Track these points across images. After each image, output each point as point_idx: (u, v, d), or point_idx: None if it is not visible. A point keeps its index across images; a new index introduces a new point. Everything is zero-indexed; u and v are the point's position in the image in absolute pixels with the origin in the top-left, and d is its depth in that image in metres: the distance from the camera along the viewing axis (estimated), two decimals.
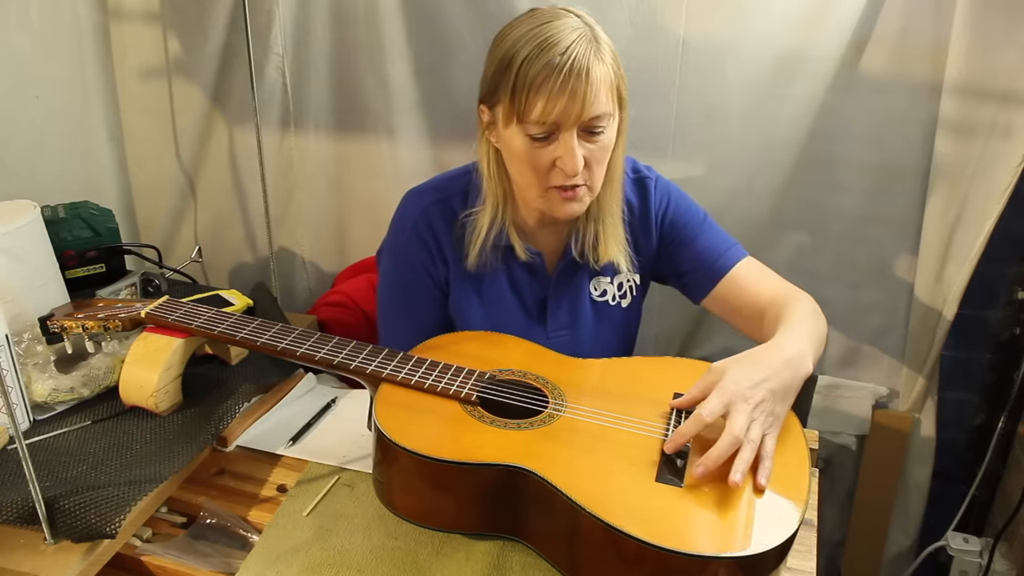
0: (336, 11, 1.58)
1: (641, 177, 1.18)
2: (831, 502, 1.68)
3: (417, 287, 1.16)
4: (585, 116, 0.97)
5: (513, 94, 0.98)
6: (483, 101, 1.06)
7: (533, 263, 1.14)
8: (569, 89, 0.95)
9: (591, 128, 1.00)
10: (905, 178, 1.46)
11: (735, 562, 0.77)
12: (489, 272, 1.14)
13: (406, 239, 1.15)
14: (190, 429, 1.08)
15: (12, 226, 1.20)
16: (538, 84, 0.96)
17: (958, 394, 1.63)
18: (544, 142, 1.00)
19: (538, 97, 0.96)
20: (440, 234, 1.14)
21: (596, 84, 0.97)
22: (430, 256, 1.14)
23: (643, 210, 1.17)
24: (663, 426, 0.93)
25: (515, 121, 0.99)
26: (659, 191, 1.18)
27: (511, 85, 0.98)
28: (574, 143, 0.99)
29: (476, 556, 0.89)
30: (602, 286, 1.18)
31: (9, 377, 1.04)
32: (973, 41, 1.30)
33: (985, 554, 1.57)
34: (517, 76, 0.97)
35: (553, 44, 0.96)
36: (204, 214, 1.85)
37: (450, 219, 1.13)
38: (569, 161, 0.99)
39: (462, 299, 1.16)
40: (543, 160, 1.01)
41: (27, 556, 0.88)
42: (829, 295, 1.58)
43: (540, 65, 0.95)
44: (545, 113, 0.97)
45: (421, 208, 1.14)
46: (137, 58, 1.73)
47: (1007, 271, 1.55)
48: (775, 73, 1.42)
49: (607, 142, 1.02)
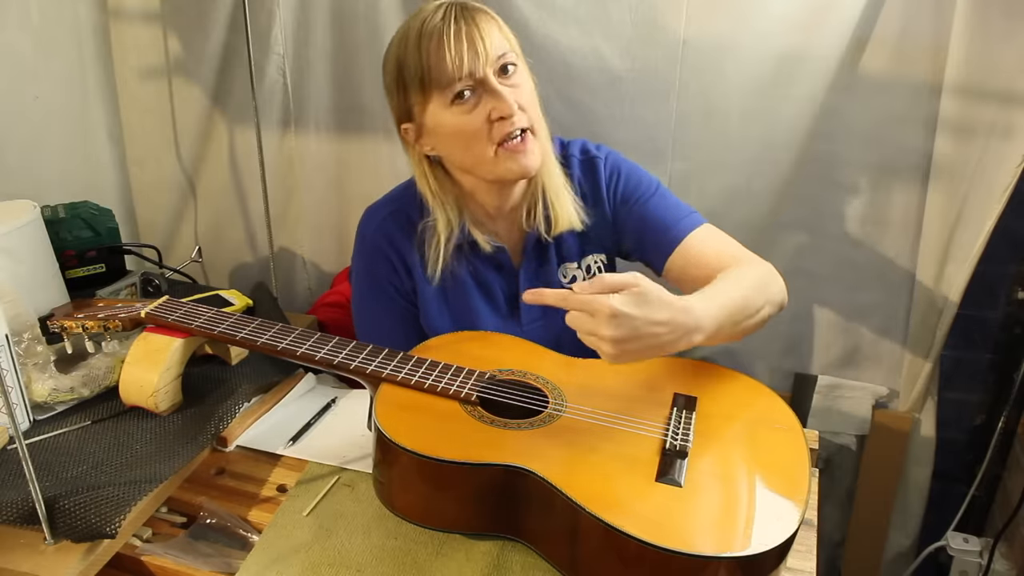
0: (337, 11, 1.58)
1: (590, 157, 1.17)
2: (831, 502, 1.68)
3: (388, 302, 1.15)
4: (492, 55, 0.99)
5: (422, 74, 0.99)
6: (399, 120, 1.07)
7: (498, 258, 1.14)
8: (465, 37, 0.98)
9: (504, 67, 1.01)
10: (905, 178, 1.46)
11: (735, 562, 0.77)
12: (453, 274, 1.13)
13: (369, 256, 1.15)
14: (190, 429, 1.08)
15: (12, 226, 1.20)
16: (435, 48, 0.98)
17: (958, 394, 1.63)
18: (471, 104, 1.00)
19: (442, 59, 0.98)
20: (400, 245, 1.13)
21: (487, 29, 1.00)
22: (393, 269, 1.14)
23: (594, 188, 1.16)
24: (663, 426, 0.93)
25: (435, 97, 1.01)
26: (608, 166, 1.16)
27: (415, 70, 1.00)
28: (497, 85, 1.00)
29: (476, 556, 0.89)
30: (571, 272, 1.17)
31: (9, 377, 1.04)
32: (973, 41, 1.30)
33: (985, 554, 1.57)
34: (416, 60, 0.99)
35: (428, 17, 1.00)
36: (204, 214, 1.85)
37: (408, 229, 1.13)
38: (503, 103, 0.99)
39: (430, 306, 1.15)
40: (478, 120, 1.01)
41: (27, 556, 0.88)
42: (829, 295, 1.59)
43: (428, 35, 0.98)
44: (455, 67, 0.98)
45: (377, 223, 1.15)
46: (137, 58, 1.73)
47: (1007, 271, 1.55)
48: (775, 73, 1.43)
49: (527, 84, 1.04)
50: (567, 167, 1.15)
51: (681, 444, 0.89)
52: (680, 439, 0.89)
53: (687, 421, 0.93)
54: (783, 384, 1.68)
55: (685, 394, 0.98)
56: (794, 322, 1.62)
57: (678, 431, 0.91)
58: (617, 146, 1.41)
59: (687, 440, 0.89)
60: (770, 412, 0.97)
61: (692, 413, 0.95)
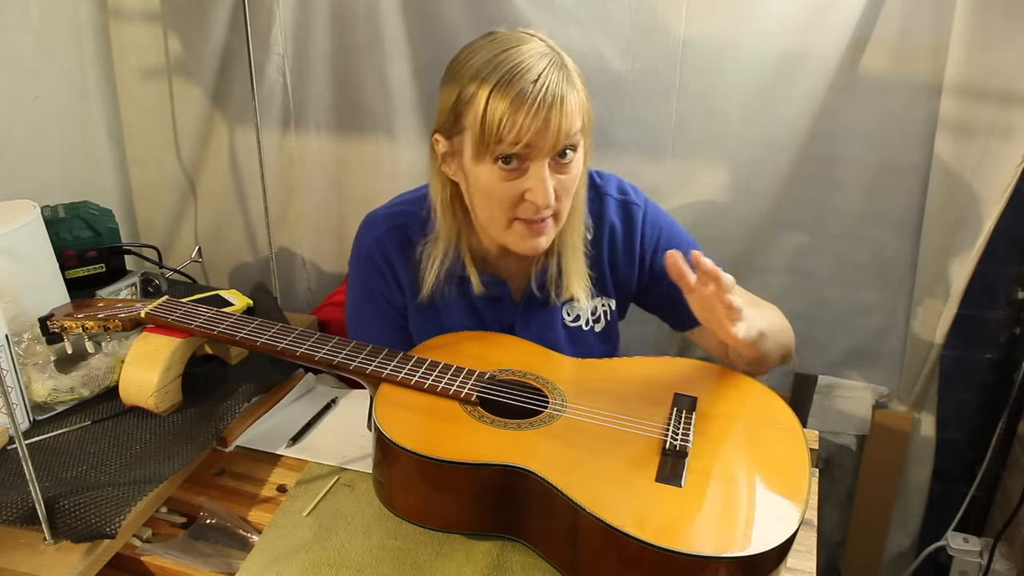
0: (336, 11, 1.58)
1: (628, 201, 1.13)
2: (831, 502, 1.68)
3: (379, 312, 1.14)
4: (559, 146, 0.94)
5: (483, 126, 0.92)
6: (439, 131, 1.00)
7: (494, 294, 1.10)
8: (543, 118, 0.91)
9: (562, 157, 0.96)
10: (905, 178, 1.46)
11: (735, 562, 0.77)
12: (448, 301, 1.10)
13: (364, 266, 1.12)
14: (190, 429, 1.08)
15: (12, 226, 1.20)
16: (511, 114, 0.90)
17: (958, 394, 1.63)
18: (513, 174, 0.95)
19: (511, 128, 0.91)
20: (395, 263, 1.10)
21: (570, 112, 0.93)
22: (386, 284, 1.11)
23: (627, 238, 1.12)
24: (663, 426, 0.93)
25: (485, 154, 0.94)
26: (649, 223, 1.13)
27: (480, 116, 0.92)
28: (546, 174, 0.95)
29: (476, 556, 0.89)
30: (575, 311, 1.14)
31: (9, 377, 1.04)
32: (973, 41, 1.30)
33: (985, 554, 1.57)
34: (487, 107, 0.91)
35: (524, 71, 0.91)
36: (204, 214, 1.85)
37: (406, 248, 1.09)
38: (540, 192, 0.95)
39: (421, 329, 1.12)
40: (511, 193, 0.96)
41: (27, 556, 0.88)
42: (829, 295, 1.59)
43: (513, 95, 0.90)
44: (518, 145, 0.92)
45: (375, 236, 1.11)
46: (137, 58, 1.73)
47: (1007, 271, 1.55)
48: (775, 73, 1.43)
49: (576, 171, 0.99)
50: (600, 204, 1.11)
51: (681, 444, 0.89)
52: (680, 439, 0.89)
53: (687, 421, 0.93)
54: (783, 384, 1.68)
55: (685, 394, 0.98)
56: (794, 322, 1.62)
57: (678, 431, 0.91)
58: (617, 146, 1.42)
59: (687, 440, 0.89)
60: (770, 412, 0.97)
61: (692, 413, 0.95)
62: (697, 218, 1.55)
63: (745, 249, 1.58)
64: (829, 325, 1.61)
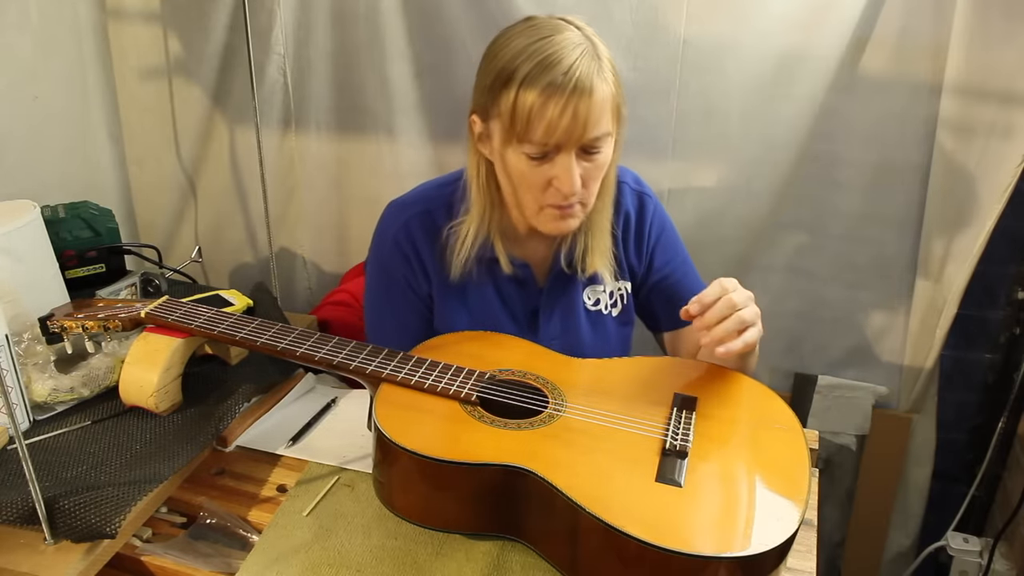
0: (337, 11, 1.58)
1: (642, 192, 1.16)
2: (831, 502, 1.68)
3: (401, 300, 1.14)
4: (587, 137, 0.95)
5: (513, 114, 0.94)
6: (476, 112, 1.02)
7: (520, 275, 1.13)
8: (572, 111, 0.92)
9: (590, 148, 0.97)
10: (905, 178, 1.46)
11: (735, 562, 0.77)
12: (475, 284, 1.12)
13: (388, 253, 1.12)
14: (190, 429, 1.08)
15: (12, 226, 1.20)
16: (540, 105, 0.92)
17: (958, 394, 1.63)
18: (541, 161, 0.97)
19: (540, 119, 0.93)
20: (422, 248, 1.11)
21: (599, 105, 0.94)
22: (411, 270, 1.12)
23: (639, 227, 1.16)
24: (663, 426, 0.93)
25: (513, 141, 0.97)
26: (658, 215, 1.17)
27: (511, 105, 0.94)
28: (572, 163, 0.97)
29: (476, 556, 0.89)
30: (596, 295, 1.16)
31: (9, 377, 1.04)
32: (973, 41, 1.30)
33: (985, 554, 1.57)
34: (517, 96, 0.93)
35: (556, 62, 0.92)
36: (204, 214, 1.85)
37: (433, 233, 1.10)
38: (566, 181, 0.97)
39: (447, 313, 1.13)
40: (539, 179, 0.99)
41: (27, 556, 0.88)
42: (829, 295, 1.59)
43: (542, 85, 0.92)
44: (547, 135, 0.94)
45: (402, 222, 1.11)
46: (137, 58, 1.73)
47: (1007, 271, 1.55)
48: (775, 73, 1.43)
49: (604, 160, 1.00)
50: (618, 191, 1.13)
51: (681, 444, 0.89)
52: (680, 439, 0.89)
53: (687, 421, 0.93)
54: (783, 384, 1.68)
55: (685, 394, 0.98)
56: (794, 322, 1.63)
57: (678, 431, 0.91)
58: None
59: (687, 440, 0.89)
60: (770, 412, 0.97)
61: (692, 413, 0.95)
62: (697, 218, 1.55)
63: (745, 249, 1.58)
64: (829, 325, 1.61)
